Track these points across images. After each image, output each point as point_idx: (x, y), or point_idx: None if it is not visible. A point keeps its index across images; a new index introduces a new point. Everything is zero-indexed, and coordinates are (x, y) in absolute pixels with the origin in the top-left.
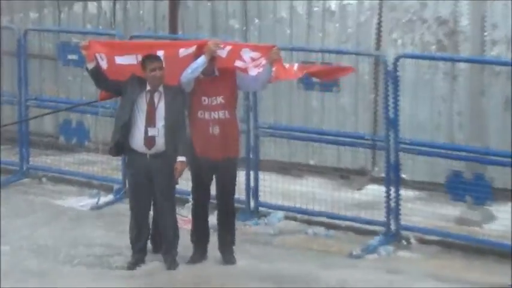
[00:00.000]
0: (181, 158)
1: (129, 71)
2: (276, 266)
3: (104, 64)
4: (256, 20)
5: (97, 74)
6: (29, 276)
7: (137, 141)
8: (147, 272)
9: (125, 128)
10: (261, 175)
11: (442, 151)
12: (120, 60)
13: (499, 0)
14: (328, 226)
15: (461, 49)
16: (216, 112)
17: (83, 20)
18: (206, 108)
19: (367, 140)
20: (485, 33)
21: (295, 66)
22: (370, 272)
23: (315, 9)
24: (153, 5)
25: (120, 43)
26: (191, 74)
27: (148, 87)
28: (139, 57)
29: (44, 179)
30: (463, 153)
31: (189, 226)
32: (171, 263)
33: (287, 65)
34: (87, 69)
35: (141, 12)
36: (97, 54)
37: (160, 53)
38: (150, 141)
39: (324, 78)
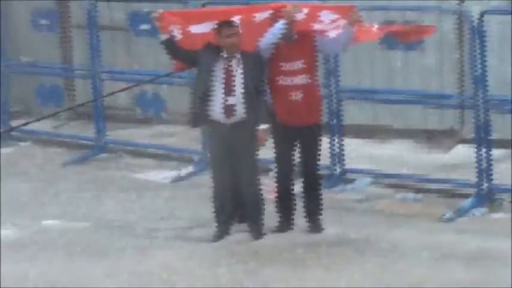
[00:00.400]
0: (263, 126)
1: (204, 39)
2: (365, 233)
3: (178, 35)
4: None
5: (171, 46)
6: (110, 251)
7: (216, 110)
8: (232, 242)
9: (203, 98)
10: (346, 140)
11: None
12: (194, 29)
13: None
14: (417, 190)
15: None
16: (297, 77)
17: None
18: (286, 74)
19: (454, 99)
20: None
21: (375, 26)
22: (464, 235)
23: None
24: None
25: (194, 12)
26: (270, 40)
27: (225, 55)
28: (215, 25)
29: (122, 153)
30: None
31: (273, 195)
32: (257, 233)
33: (366, 25)
34: (162, 41)
35: None
36: (171, 26)
37: (235, 18)
38: (229, 110)
39: (405, 39)
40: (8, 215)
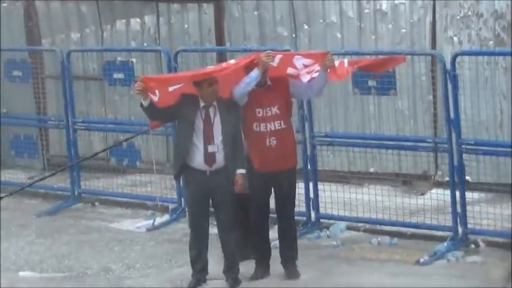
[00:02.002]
0: (240, 171)
1: (180, 92)
2: (342, 279)
3: (156, 97)
4: (306, 26)
5: (151, 110)
6: None
7: (197, 159)
8: None
9: (184, 148)
10: (320, 185)
11: (507, 150)
12: (172, 88)
13: None
14: (393, 234)
15: None
16: (272, 123)
17: (127, 37)
18: (261, 120)
19: (428, 143)
20: None
21: (346, 62)
22: (440, 279)
23: (366, 11)
24: (197, 18)
25: (173, 75)
26: (245, 88)
27: (202, 104)
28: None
29: (97, 203)
30: None
31: (250, 242)
32: (234, 281)
33: (337, 62)
34: (141, 106)
35: (186, 26)
36: (151, 89)
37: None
38: (210, 158)
39: (375, 70)
40: None
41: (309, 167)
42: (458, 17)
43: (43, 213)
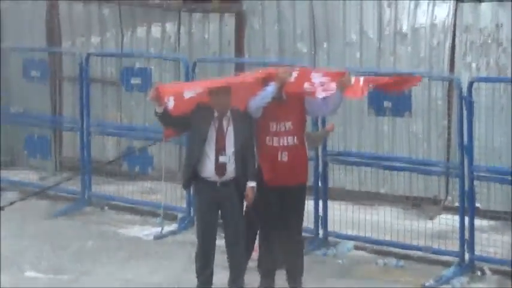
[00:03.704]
0: (251, 184)
1: (195, 101)
2: None
3: (171, 103)
4: (325, 44)
5: (165, 117)
6: None
7: (208, 169)
8: None
9: (195, 158)
10: (330, 203)
11: None
12: (188, 94)
13: None
14: (400, 256)
15: None
16: (285, 138)
17: (147, 44)
18: (274, 134)
19: (440, 167)
20: None
21: (361, 80)
22: None
23: (386, 32)
24: (218, 29)
25: (189, 83)
26: (260, 102)
27: (216, 114)
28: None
29: (106, 208)
30: None
31: (255, 255)
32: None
33: (353, 79)
34: (156, 113)
35: (206, 36)
36: (166, 97)
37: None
38: (221, 168)
39: (391, 90)
40: None
41: (319, 184)
42: (477, 44)
43: (52, 215)
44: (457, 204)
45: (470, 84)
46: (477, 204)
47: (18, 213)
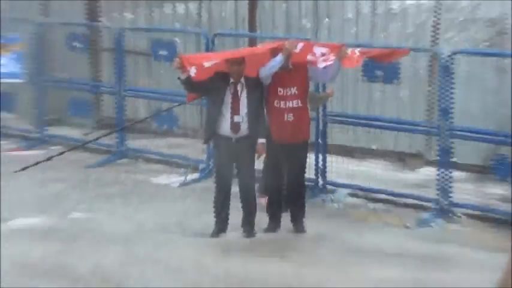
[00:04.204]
0: (261, 140)
1: (214, 69)
2: (340, 235)
3: (193, 71)
4: (326, 20)
5: (188, 83)
6: (124, 239)
7: (224, 127)
8: (227, 239)
9: (214, 118)
10: (329, 157)
11: (490, 137)
12: (207, 64)
13: None
14: (387, 202)
15: (508, 46)
16: (290, 101)
17: (172, 19)
18: (281, 98)
19: (422, 127)
20: None
21: (357, 51)
22: (422, 241)
23: (378, 11)
24: (234, 7)
25: (209, 54)
26: (270, 70)
27: (231, 80)
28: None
29: (139, 160)
30: (509, 139)
31: (265, 200)
32: (249, 233)
33: (349, 50)
34: (179, 79)
35: (223, 13)
36: (188, 66)
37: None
38: (235, 127)
39: (382, 60)
40: (37, 207)
41: (320, 140)
42: (457, 21)
43: (93, 165)
44: (436, 158)
45: (451, 56)
46: (454, 159)
47: (63, 163)
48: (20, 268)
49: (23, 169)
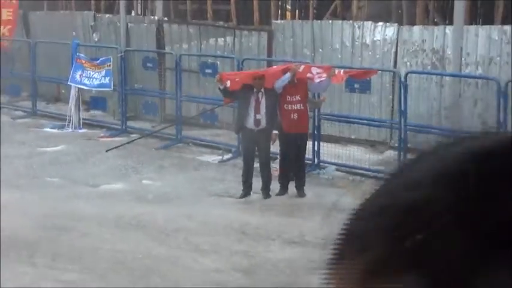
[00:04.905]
0: (275, 131)
1: (243, 82)
2: (328, 198)
3: (228, 83)
4: (320, 50)
5: (225, 91)
6: (186, 200)
7: (249, 122)
8: (250, 199)
9: (242, 115)
10: (322, 143)
11: (434, 130)
12: (238, 78)
13: (473, 37)
14: (361, 175)
15: (447, 68)
16: (295, 105)
17: (215, 48)
18: (289, 103)
19: (387, 123)
20: (462, 59)
21: (341, 72)
22: None
23: (356, 43)
24: (257, 40)
25: (239, 72)
26: (281, 83)
27: (255, 90)
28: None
29: (191, 144)
30: (446, 132)
31: (277, 173)
32: (266, 195)
33: (336, 71)
34: (219, 89)
35: (250, 44)
36: (225, 80)
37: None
38: (257, 122)
39: (359, 78)
40: (120, 176)
41: (315, 132)
42: (411, 51)
43: (159, 147)
44: (396, 145)
45: (406, 75)
46: (408, 145)
47: (139, 146)
48: (113, 221)
49: (110, 149)
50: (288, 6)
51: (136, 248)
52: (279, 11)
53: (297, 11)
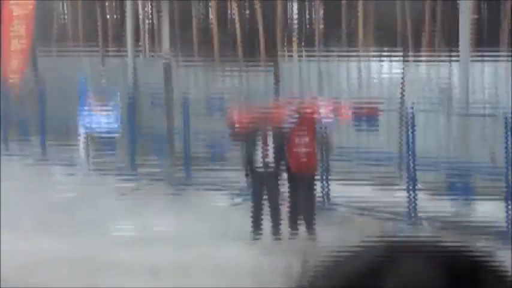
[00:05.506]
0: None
1: (249, 123)
2: (340, 238)
3: (237, 124)
4: (326, 86)
5: (234, 135)
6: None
7: (258, 164)
8: (261, 241)
9: (251, 159)
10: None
11: (443, 165)
12: (245, 120)
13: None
14: (370, 210)
15: (454, 105)
16: (303, 146)
17: (222, 84)
18: (297, 145)
19: (395, 158)
20: (469, 96)
21: (347, 106)
22: None
23: (363, 79)
24: (264, 76)
25: (245, 114)
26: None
27: (262, 131)
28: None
29: (201, 187)
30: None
31: (287, 214)
32: (277, 232)
33: (343, 110)
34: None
35: (257, 78)
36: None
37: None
38: (265, 164)
39: (364, 115)
40: (127, 222)
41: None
42: (418, 87)
43: (169, 191)
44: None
45: (412, 112)
46: (418, 185)
47: (149, 189)
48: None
49: (121, 195)
50: (295, 35)
51: None
52: (285, 41)
53: (303, 40)
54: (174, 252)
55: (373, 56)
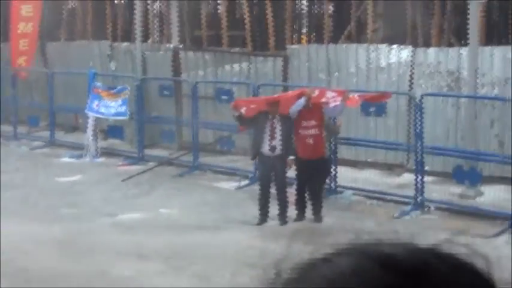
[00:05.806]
0: (291, 157)
1: (258, 109)
2: (346, 221)
3: (244, 109)
4: (336, 73)
5: (240, 119)
6: (201, 228)
7: (265, 148)
8: (267, 226)
9: (258, 142)
10: (339, 168)
11: (450, 152)
12: (253, 105)
13: (488, 58)
14: (379, 199)
15: (462, 90)
16: (311, 130)
17: (230, 75)
18: (304, 128)
19: (403, 146)
20: (477, 80)
21: (356, 95)
22: (407, 227)
23: (371, 66)
24: (272, 65)
25: (255, 99)
26: (296, 109)
27: (270, 116)
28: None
29: (208, 171)
30: (463, 154)
31: (294, 198)
32: (283, 221)
33: (351, 95)
34: (234, 116)
35: (266, 70)
36: (240, 106)
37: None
38: (272, 148)
39: (374, 101)
40: (135, 205)
41: (331, 156)
42: (426, 73)
43: (176, 175)
44: (413, 167)
45: (421, 97)
46: (426, 167)
47: (156, 174)
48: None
49: (128, 179)
50: (303, 31)
51: (157, 278)
52: (294, 36)
53: (312, 34)
54: (178, 235)
55: (383, 43)
